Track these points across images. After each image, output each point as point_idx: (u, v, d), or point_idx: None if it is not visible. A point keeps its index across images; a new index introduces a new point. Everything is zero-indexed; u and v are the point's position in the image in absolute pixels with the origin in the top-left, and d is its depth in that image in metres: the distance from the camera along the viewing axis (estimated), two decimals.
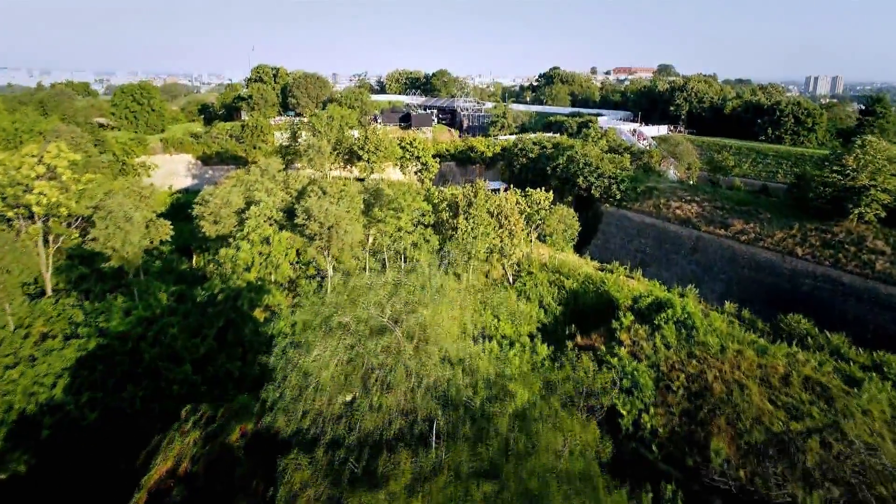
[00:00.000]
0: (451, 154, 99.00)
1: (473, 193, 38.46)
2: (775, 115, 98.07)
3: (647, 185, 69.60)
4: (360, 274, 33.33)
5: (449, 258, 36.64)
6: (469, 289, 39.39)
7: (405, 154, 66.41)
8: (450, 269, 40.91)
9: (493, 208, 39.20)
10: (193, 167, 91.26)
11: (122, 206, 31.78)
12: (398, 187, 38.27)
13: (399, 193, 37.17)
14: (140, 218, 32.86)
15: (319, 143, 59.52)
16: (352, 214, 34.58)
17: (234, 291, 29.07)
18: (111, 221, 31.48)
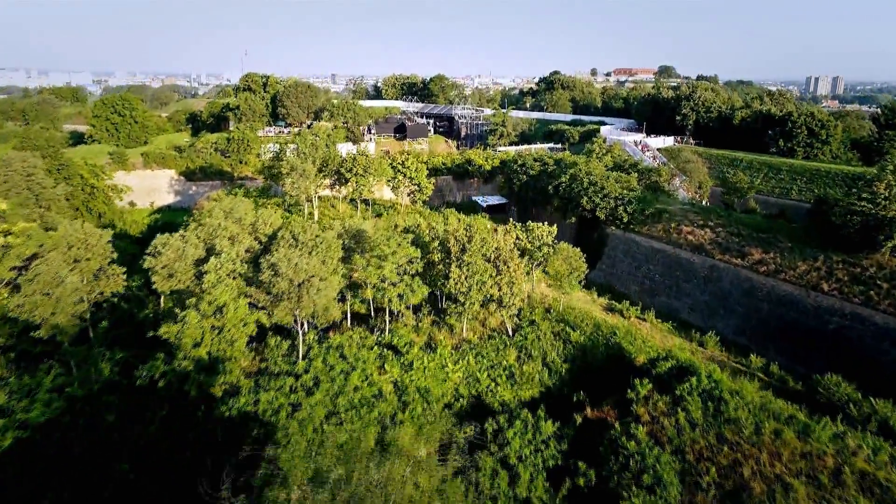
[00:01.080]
0: (448, 168, 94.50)
1: (468, 237, 33.97)
2: (787, 126, 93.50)
3: (657, 208, 65.06)
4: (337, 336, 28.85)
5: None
6: (463, 344, 34.82)
7: (397, 175, 61.86)
8: (442, 320, 36.38)
9: (491, 252, 34.73)
10: (176, 183, 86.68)
11: (52, 267, 27.25)
12: (382, 231, 33.71)
13: (382, 238, 32.61)
14: (75, 280, 28.29)
15: (304, 165, 54.96)
16: (328, 266, 30.08)
17: (181, 374, 24.64)
18: (38, 286, 26.99)
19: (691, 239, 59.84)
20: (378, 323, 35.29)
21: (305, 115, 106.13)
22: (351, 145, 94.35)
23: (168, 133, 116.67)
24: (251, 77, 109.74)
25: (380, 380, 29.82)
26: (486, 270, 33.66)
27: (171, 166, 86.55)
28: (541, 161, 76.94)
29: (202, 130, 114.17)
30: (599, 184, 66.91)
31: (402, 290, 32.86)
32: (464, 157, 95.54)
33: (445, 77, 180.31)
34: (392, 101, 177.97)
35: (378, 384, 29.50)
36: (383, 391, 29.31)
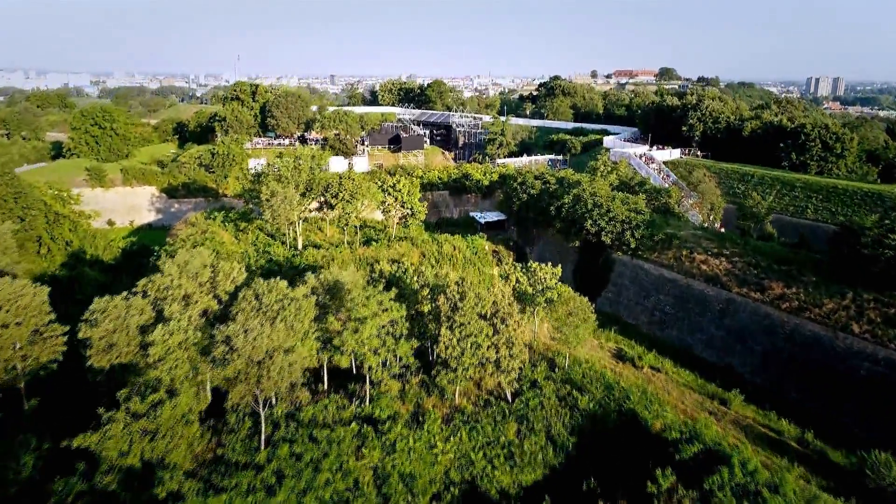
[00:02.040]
0: (444, 183, 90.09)
1: (460, 294, 29.57)
2: (800, 139, 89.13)
3: (667, 233, 60.68)
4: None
5: None
6: (456, 414, 30.36)
7: (387, 198, 57.43)
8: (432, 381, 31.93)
9: (487, 308, 30.36)
10: (157, 200, 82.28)
11: None
12: (361, 290, 29.23)
13: (361, 298, 28.11)
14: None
15: (285, 191, 50.52)
16: (297, 333, 25.72)
17: (103, 493, 20.29)
18: None
19: (705, 269, 55.42)
20: (357, 389, 30.89)
21: (296, 126, 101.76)
22: (342, 159, 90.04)
23: (154, 144, 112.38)
24: (240, 86, 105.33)
25: (357, 467, 25.47)
26: (481, 330, 29.27)
27: (151, 183, 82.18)
28: (542, 179, 72.54)
29: (189, 141, 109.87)
30: (605, 206, 62.51)
31: (385, 355, 28.52)
32: (461, 171, 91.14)
33: (443, 82, 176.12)
34: (389, 107, 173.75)
35: (354, 473, 25.14)
36: (360, 482, 24.97)
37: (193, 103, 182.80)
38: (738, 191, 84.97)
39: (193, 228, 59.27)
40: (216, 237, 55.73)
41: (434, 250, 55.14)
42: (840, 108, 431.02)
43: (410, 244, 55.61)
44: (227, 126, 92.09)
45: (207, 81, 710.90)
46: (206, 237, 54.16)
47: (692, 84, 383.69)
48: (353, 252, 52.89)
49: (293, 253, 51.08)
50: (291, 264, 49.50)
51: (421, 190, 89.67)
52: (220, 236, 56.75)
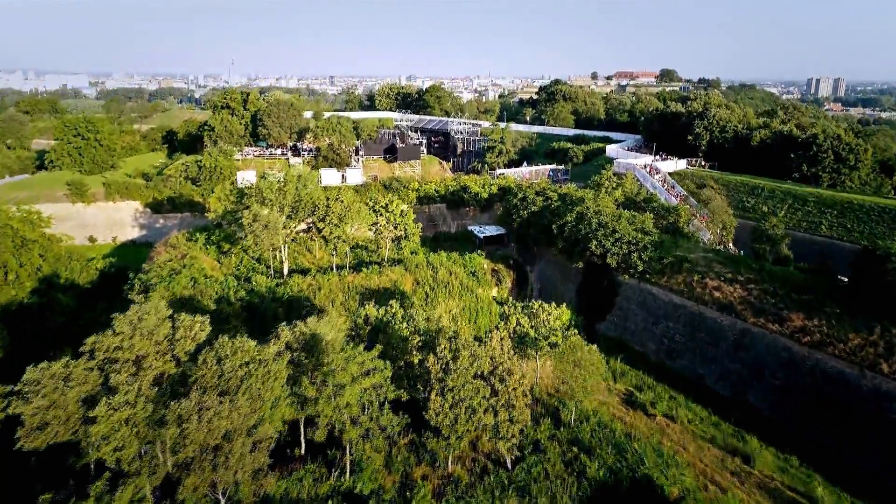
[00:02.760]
0: (441, 195, 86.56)
1: (453, 353, 26.06)
2: (811, 149, 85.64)
3: (676, 255, 57.16)
4: None
5: None
6: (448, 486, 26.82)
7: (379, 219, 53.90)
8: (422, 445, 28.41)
9: (485, 366, 26.84)
10: (141, 216, 78.79)
11: None
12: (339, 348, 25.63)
13: (340, 360, 24.52)
14: None
15: (269, 215, 47.04)
16: (265, 405, 22.28)
17: None
18: None
19: (718, 296, 51.89)
20: (337, 456, 27.36)
21: (287, 136, 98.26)
22: (335, 172, 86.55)
23: (141, 153, 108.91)
24: (230, 94, 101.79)
25: None
26: (477, 391, 25.78)
27: (135, 197, 78.68)
28: (543, 195, 69.04)
29: (179, 150, 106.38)
30: (610, 225, 59.00)
31: (368, 425, 25.01)
32: (459, 183, 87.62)
33: (441, 87, 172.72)
34: (386, 112, 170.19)
35: None
36: None
37: (188, 108, 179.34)
38: (748, 205, 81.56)
39: (174, 251, 55.77)
40: (196, 263, 52.25)
41: (428, 276, 51.64)
42: (841, 110, 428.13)
43: (403, 269, 52.11)
44: (216, 137, 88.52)
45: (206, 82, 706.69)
46: (185, 263, 50.68)
47: (693, 86, 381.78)
48: (342, 280, 49.41)
49: (277, 282, 47.56)
50: (274, 295, 46.03)
51: (417, 203, 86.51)
52: (201, 261, 53.26)
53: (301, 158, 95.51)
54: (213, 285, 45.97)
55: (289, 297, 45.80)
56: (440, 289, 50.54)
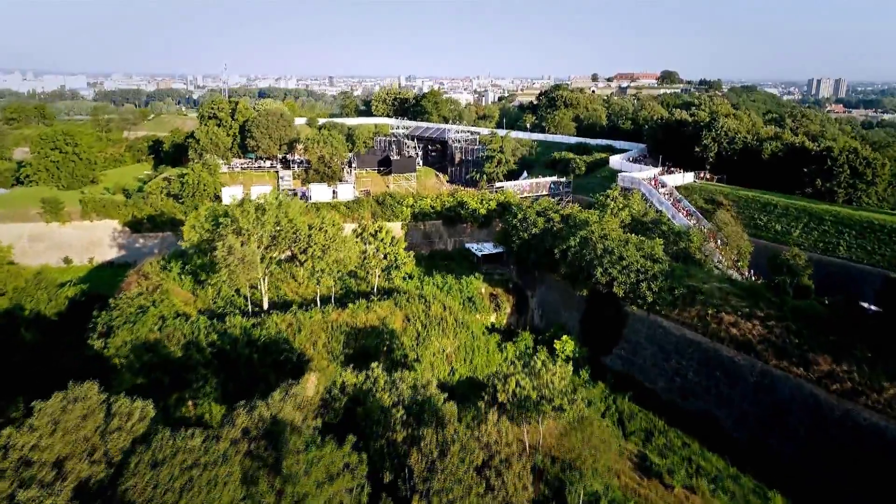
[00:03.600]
0: (437, 212, 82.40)
1: (439, 447, 21.83)
2: (826, 163, 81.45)
3: (689, 285, 53.00)
4: None
5: None
6: None
7: (367, 248, 49.71)
8: None
9: (477, 460, 22.63)
10: (120, 235, 74.62)
11: None
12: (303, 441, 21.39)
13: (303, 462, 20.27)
14: None
15: (244, 249, 42.90)
16: None
17: None
18: None
19: (735, 332, 47.73)
20: None
21: (277, 148, 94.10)
22: (325, 187, 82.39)
23: (126, 165, 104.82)
24: (217, 103, 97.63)
25: None
26: (470, 490, 21.63)
27: (113, 216, 74.54)
28: (545, 216, 64.87)
29: (165, 162, 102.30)
30: (616, 251, 54.80)
31: None
32: (455, 199, 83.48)
33: (439, 93, 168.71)
34: (383, 118, 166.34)
35: None
36: None
37: (180, 114, 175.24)
38: (760, 222, 77.34)
39: (146, 282, 51.66)
40: (168, 297, 48.15)
41: (420, 311, 47.46)
42: (844, 111, 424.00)
43: (393, 304, 47.93)
44: (201, 149, 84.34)
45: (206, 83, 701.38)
46: (154, 298, 46.54)
47: (694, 87, 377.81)
48: (325, 317, 45.26)
49: (253, 322, 43.36)
50: (250, 338, 41.87)
51: (412, 219, 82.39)
52: (173, 295, 49.16)
53: (291, 171, 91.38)
54: (183, 326, 41.82)
55: (265, 339, 41.65)
56: (433, 326, 46.39)
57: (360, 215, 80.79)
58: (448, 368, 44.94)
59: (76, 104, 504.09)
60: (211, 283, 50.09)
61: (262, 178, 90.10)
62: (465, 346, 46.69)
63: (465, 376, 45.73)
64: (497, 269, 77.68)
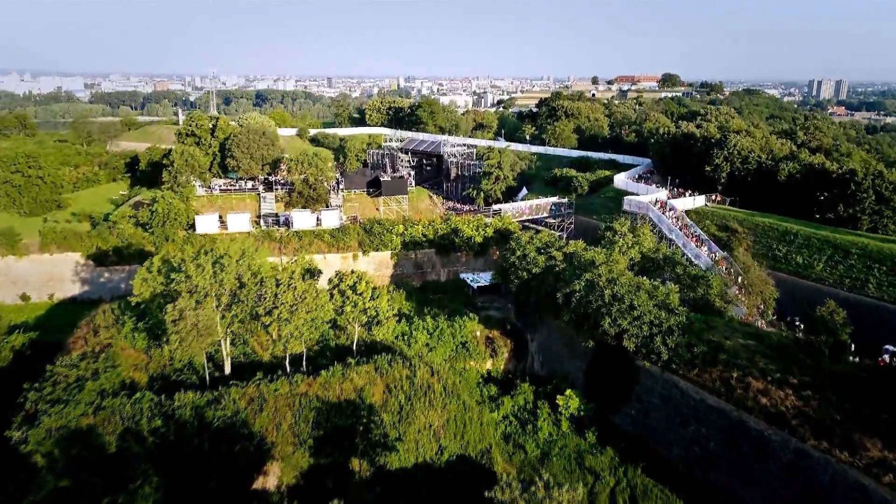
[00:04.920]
0: (430, 240, 76.36)
1: None
2: (849, 187, 75.56)
3: (710, 341, 46.99)
4: None
5: None
6: None
7: (346, 303, 43.58)
8: None
9: None
10: (83, 269, 68.53)
11: None
12: None
13: None
14: None
15: (197, 315, 36.87)
16: None
17: None
18: None
19: (764, 402, 41.68)
20: None
21: (259, 168, 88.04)
22: (308, 214, 76.32)
23: (101, 184, 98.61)
24: (197, 119, 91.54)
25: None
26: None
27: (75, 248, 68.45)
28: (546, 253, 58.83)
29: (141, 182, 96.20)
30: (627, 299, 48.73)
31: None
32: (449, 225, 77.49)
33: (435, 101, 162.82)
34: (377, 128, 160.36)
35: None
36: None
37: (169, 122, 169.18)
38: (779, 253, 71.41)
39: (95, 339, 45.66)
40: (116, 361, 42.11)
41: (403, 378, 41.38)
42: (846, 114, 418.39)
43: (373, 369, 41.85)
44: (175, 172, 78.27)
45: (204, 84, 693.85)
46: (98, 366, 40.49)
47: (696, 90, 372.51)
48: (294, 389, 39.19)
49: (208, 398, 37.24)
50: (202, 420, 35.80)
51: (402, 248, 76.37)
52: (123, 357, 43.09)
53: (274, 193, 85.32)
54: (124, 407, 35.75)
55: (220, 422, 35.59)
56: (418, 397, 40.33)
57: (346, 244, 74.87)
58: (436, 447, 38.94)
59: (71, 107, 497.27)
60: (166, 342, 43.94)
61: (242, 202, 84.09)
62: (456, 419, 40.62)
63: (455, 454, 39.69)
64: (494, 301, 71.75)
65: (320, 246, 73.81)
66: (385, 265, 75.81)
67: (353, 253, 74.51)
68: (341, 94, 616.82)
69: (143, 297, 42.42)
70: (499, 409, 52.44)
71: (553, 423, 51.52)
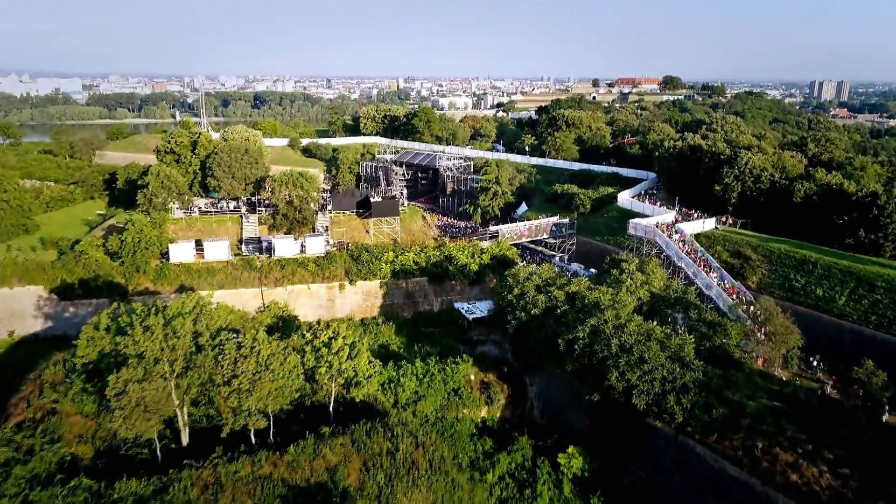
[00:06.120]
0: (422, 268, 71.31)
1: None
2: (871, 211, 70.47)
3: (731, 400, 41.91)
4: None
5: None
6: None
7: (319, 365, 38.45)
8: None
9: None
10: (47, 303, 63.52)
11: None
12: None
13: None
14: None
15: (142, 389, 31.84)
16: None
17: None
18: None
19: (794, 478, 36.65)
20: None
21: (242, 188, 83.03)
22: (291, 241, 71.28)
23: (76, 203, 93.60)
24: (176, 136, 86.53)
25: None
26: None
27: (38, 281, 63.48)
28: (547, 293, 53.75)
29: (119, 201, 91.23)
30: (636, 351, 43.73)
31: None
32: (443, 252, 72.47)
33: (431, 110, 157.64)
34: (371, 137, 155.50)
35: None
36: None
37: (157, 132, 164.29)
38: (797, 284, 66.23)
39: (39, 402, 40.74)
40: (59, 429, 37.10)
41: (384, 454, 36.30)
42: (849, 116, 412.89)
43: (350, 442, 36.78)
44: (150, 195, 73.27)
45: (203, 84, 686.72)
46: (35, 441, 35.45)
47: (697, 93, 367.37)
48: (256, 470, 34.10)
49: (155, 485, 32.17)
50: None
51: (392, 277, 71.39)
52: (68, 426, 38.08)
53: (257, 215, 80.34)
54: (55, 502, 30.63)
55: None
56: (400, 477, 35.24)
57: (332, 273, 69.86)
58: None
59: (68, 109, 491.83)
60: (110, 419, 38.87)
61: (223, 225, 79.04)
62: (444, 500, 35.52)
63: None
64: (491, 334, 66.84)
65: (304, 275, 68.86)
66: (374, 295, 70.81)
67: (339, 282, 69.55)
68: (340, 96, 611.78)
69: (89, 357, 37.34)
70: (494, 467, 47.29)
71: (554, 485, 46.39)
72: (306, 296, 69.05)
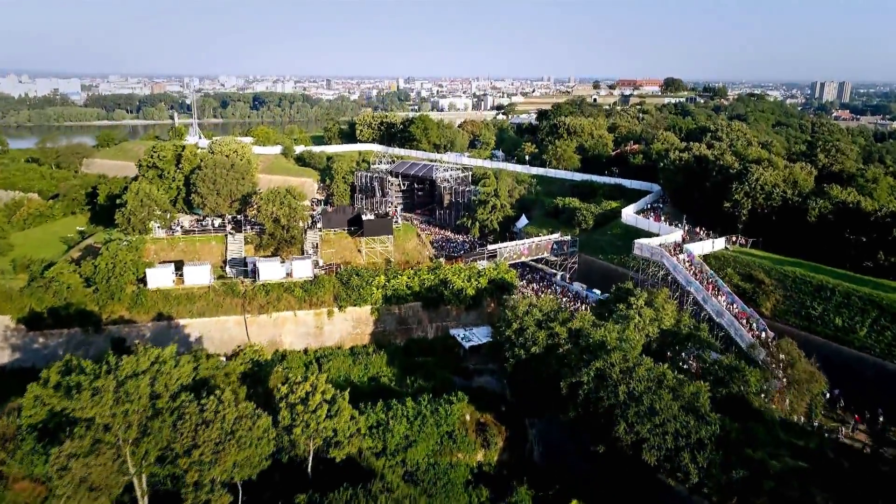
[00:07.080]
0: (416, 292, 67.38)
1: None
2: (891, 233, 66.58)
3: (752, 459, 37.93)
4: None
5: None
6: None
7: (295, 423, 34.46)
8: None
9: None
10: (14, 334, 59.60)
11: None
12: None
13: None
14: None
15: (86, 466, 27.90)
16: None
17: None
18: None
19: None
20: None
21: (227, 205, 79.08)
22: (278, 265, 67.31)
23: (55, 220, 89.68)
24: (160, 149, 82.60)
25: None
26: None
27: (5, 310, 59.60)
28: (548, 329, 49.77)
29: (99, 217, 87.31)
30: (646, 400, 39.79)
31: None
32: (438, 275, 68.51)
33: (429, 118, 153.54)
34: (367, 144, 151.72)
35: None
36: None
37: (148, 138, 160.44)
38: (814, 312, 62.34)
39: None
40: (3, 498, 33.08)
41: None
42: (851, 118, 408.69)
43: None
44: (129, 214, 69.34)
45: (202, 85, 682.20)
46: None
47: (699, 94, 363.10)
48: None
49: None
50: None
51: (384, 302, 67.47)
52: (10, 497, 34.06)
53: (244, 234, 76.35)
54: None
55: None
56: None
57: (320, 299, 65.94)
58: None
59: (66, 110, 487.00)
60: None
61: (206, 245, 75.06)
62: None
63: None
64: (489, 363, 63.05)
65: (290, 301, 64.96)
66: (364, 322, 66.88)
67: (327, 309, 65.64)
68: (339, 97, 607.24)
69: (36, 418, 33.37)
70: None
71: None
72: (293, 323, 65.15)
